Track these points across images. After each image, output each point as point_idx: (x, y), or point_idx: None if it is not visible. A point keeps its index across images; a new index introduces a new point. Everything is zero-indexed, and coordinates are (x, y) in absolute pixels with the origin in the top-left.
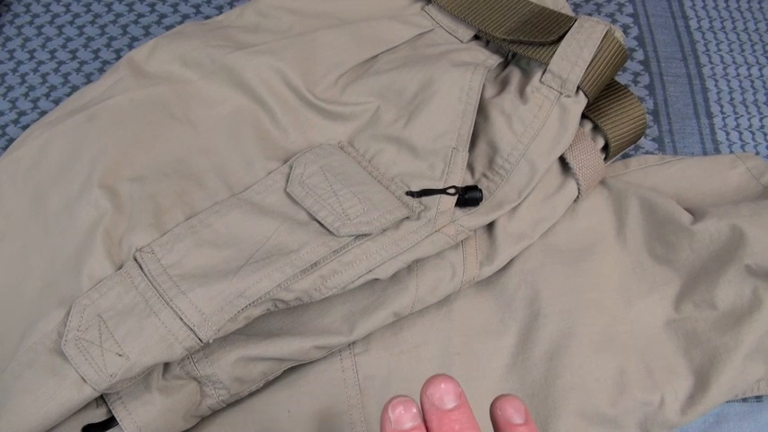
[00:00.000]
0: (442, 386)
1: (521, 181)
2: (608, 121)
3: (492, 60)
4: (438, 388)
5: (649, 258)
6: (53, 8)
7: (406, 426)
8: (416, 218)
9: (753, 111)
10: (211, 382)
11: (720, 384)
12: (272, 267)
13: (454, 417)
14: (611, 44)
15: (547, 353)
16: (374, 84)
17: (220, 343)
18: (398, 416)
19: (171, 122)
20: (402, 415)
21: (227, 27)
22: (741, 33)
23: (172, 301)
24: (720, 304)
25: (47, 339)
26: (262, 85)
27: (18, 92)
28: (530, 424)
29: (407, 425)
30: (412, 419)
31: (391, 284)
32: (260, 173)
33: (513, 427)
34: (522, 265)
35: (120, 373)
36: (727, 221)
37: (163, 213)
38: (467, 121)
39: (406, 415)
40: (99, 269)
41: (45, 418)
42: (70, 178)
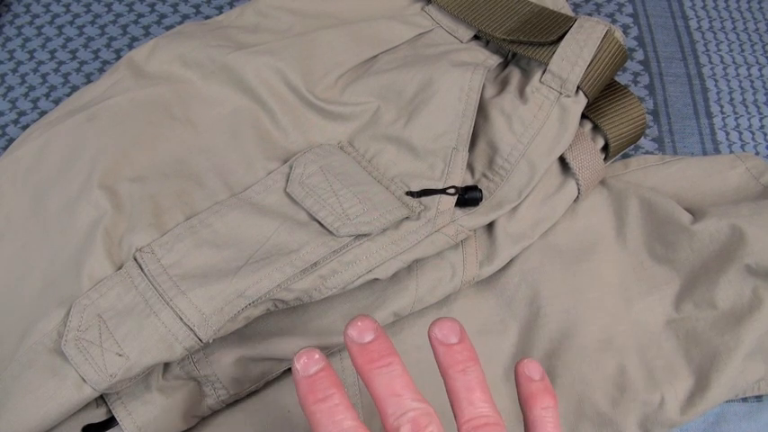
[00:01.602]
0: (359, 324)
1: (521, 181)
2: (608, 121)
3: (492, 60)
4: (355, 326)
5: (649, 258)
6: (53, 8)
7: (311, 371)
8: (416, 218)
9: (753, 111)
10: (211, 382)
11: (720, 384)
12: (271, 267)
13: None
14: (611, 44)
15: (547, 352)
16: (374, 84)
17: (220, 343)
18: (304, 364)
19: (171, 122)
20: (307, 362)
21: (227, 27)
22: (741, 33)
23: (172, 301)
24: (720, 304)
25: (47, 339)
26: (262, 85)
27: (18, 92)
28: (465, 341)
29: (312, 370)
30: (315, 364)
31: (391, 284)
32: (260, 173)
33: (450, 347)
34: (522, 265)
35: (120, 373)
36: (726, 221)
37: (163, 213)
38: (467, 121)
39: (309, 362)
40: (99, 269)
41: (45, 418)
42: (70, 178)
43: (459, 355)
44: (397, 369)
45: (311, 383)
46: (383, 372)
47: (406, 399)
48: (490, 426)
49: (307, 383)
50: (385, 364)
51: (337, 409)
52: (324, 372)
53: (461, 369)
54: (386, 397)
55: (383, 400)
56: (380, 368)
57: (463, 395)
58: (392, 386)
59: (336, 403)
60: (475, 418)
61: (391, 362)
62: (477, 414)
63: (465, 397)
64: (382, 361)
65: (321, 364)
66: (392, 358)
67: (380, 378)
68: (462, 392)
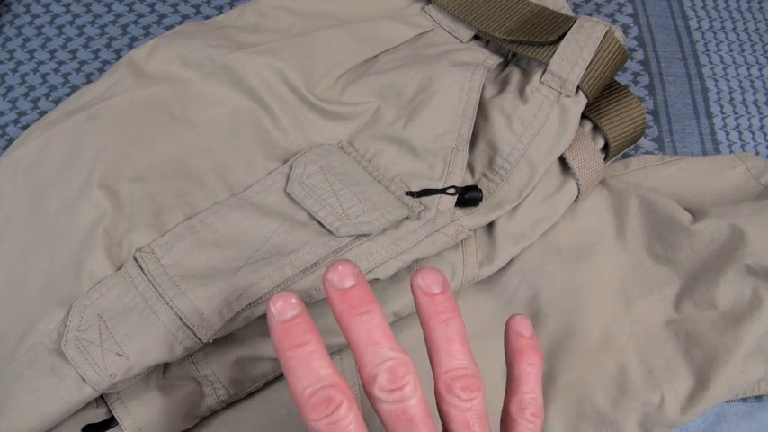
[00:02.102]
0: (339, 268)
1: (521, 181)
2: (608, 121)
3: (492, 60)
4: (336, 270)
5: (649, 258)
6: (53, 8)
7: (287, 315)
8: (416, 218)
9: (753, 111)
10: (211, 383)
11: (720, 384)
12: (271, 267)
13: (354, 293)
14: (611, 44)
15: (547, 353)
16: (374, 84)
17: (220, 343)
18: (280, 308)
19: (171, 122)
20: (283, 306)
21: (227, 27)
22: (741, 33)
23: (172, 301)
24: (720, 304)
25: (47, 339)
26: (262, 85)
27: (18, 92)
28: (447, 292)
29: (289, 314)
30: (292, 309)
31: (391, 284)
32: (260, 173)
33: (433, 297)
34: (522, 265)
35: (120, 373)
36: (726, 221)
37: (163, 213)
38: (467, 122)
39: (286, 306)
40: (99, 269)
41: (45, 417)
42: (70, 178)
43: (440, 305)
44: (376, 317)
45: (287, 329)
46: (363, 319)
47: (384, 347)
48: (468, 378)
49: (282, 328)
50: (365, 311)
51: (314, 355)
52: (300, 317)
53: (443, 320)
54: (364, 344)
55: (361, 347)
56: (360, 315)
57: (443, 346)
58: (371, 334)
59: (312, 350)
60: (453, 369)
61: (371, 309)
62: (455, 365)
63: (444, 347)
64: (362, 308)
65: (298, 310)
66: (372, 306)
67: (360, 325)
68: (442, 343)
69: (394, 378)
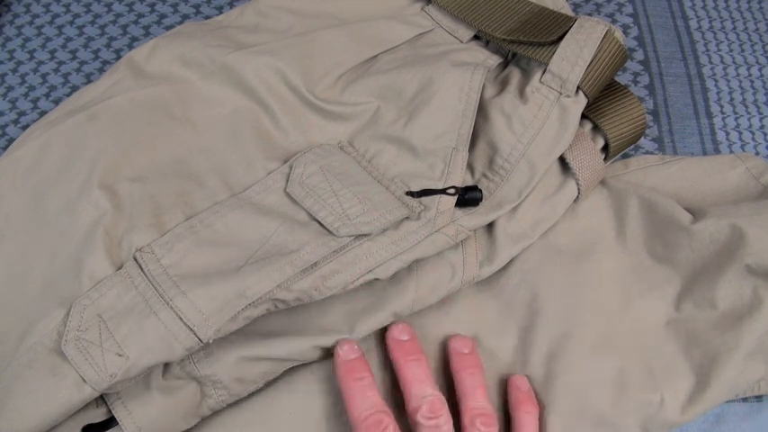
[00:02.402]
0: (400, 326)
1: (521, 181)
2: (608, 121)
3: (492, 60)
4: (397, 328)
5: (649, 258)
6: (53, 8)
7: (351, 357)
8: (416, 218)
9: (753, 111)
10: (211, 383)
11: (721, 384)
12: (272, 267)
13: (408, 345)
14: (611, 44)
15: (547, 353)
16: (374, 84)
17: (220, 343)
18: (346, 351)
19: (171, 122)
20: (348, 350)
21: (227, 27)
22: (741, 33)
23: (172, 301)
24: (720, 304)
25: (47, 339)
26: (262, 85)
27: (18, 92)
28: (474, 353)
29: (352, 356)
30: (354, 353)
31: (391, 284)
32: (260, 173)
33: (463, 355)
34: (522, 265)
35: (120, 373)
36: (726, 221)
37: (163, 213)
38: (467, 122)
39: (350, 350)
40: (99, 269)
41: (45, 418)
42: (70, 178)
43: (469, 361)
44: (423, 364)
45: (350, 366)
46: (414, 364)
47: (427, 386)
48: (487, 416)
49: (347, 366)
50: (416, 357)
51: (368, 388)
52: (360, 359)
53: (470, 372)
54: (413, 382)
55: (411, 383)
56: (412, 360)
57: (470, 390)
58: (417, 375)
59: (368, 384)
60: (476, 408)
61: (420, 357)
62: (478, 406)
63: (470, 392)
64: (414, 355)
65: (359, 353)
66: (421, 355)
67: (411, 368)
68: (469, 388)
69: (433, 409)
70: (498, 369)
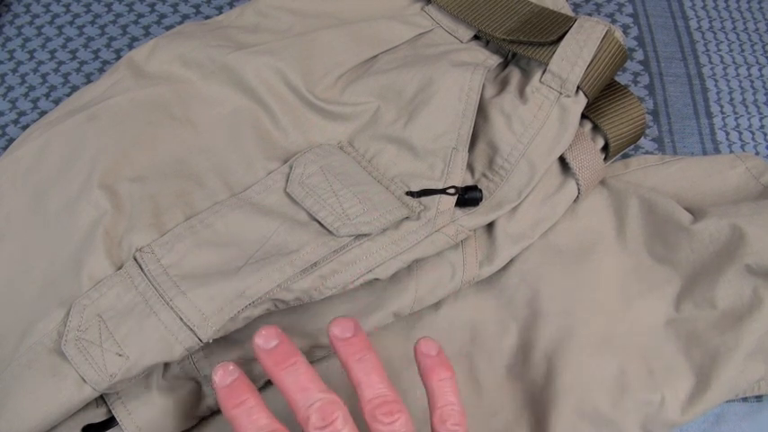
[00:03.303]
0: (263, 333)
1: (520, 181)
2: (608, 121)
3: (492, 60)
4: (260, 335)
5: (649, 258)
6: (53, 8)
7: (227, 382)
8: (416, 218)
9: (753, 111)
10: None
11: (721, 384)
12: (271, 267)
13: (279, 350)
14: (611, 44)
15: (547, 353)
16: (374, 84)
17: (220, 343)
18: (221, 376)
19: (171, 122)
20: (223, 374)
21: (227, 27)
22: (741, 33)
23: (172, 301)
24: (720, 304)
25: (47, 339)
26: (262, 85)
27: (18, 92)
28: (359, 335)
29: (228, 380)
30: (230, 375)
31: (391, 284)
32: (260, 173)
33: (347, 341)
34: (522, 265)
35: (120, 373)
36: (726, 221)
37: (163, 213)
38: (467, 122)
39: (225, 374)
40: (99, 269)
41: (45, 418)
42: (70, 178)
43: (353, 346)
44: (301, 367)
45: (228, 392)
46: (290, 371)
47: (312, 391)
48: (388, 404)
49: (225, 393)
50: (290, 363)
51: (253, 410)
52: (238, 380)
53: (358, 358)
54: (294, 392)
55: (293, 395)
56: (287, 368)
57: (362, 380)
58: (299, 382)
59: (252, 406)
60: (374, 398)
61: (295, 361)
62: (375, 395)
63: (364, 380)
64: (288, 362)
65: (236, 375)
66: (295, 358)
67: (288, 377)
68: (361, 377)
69: (324, 415)
70: (498, 369)
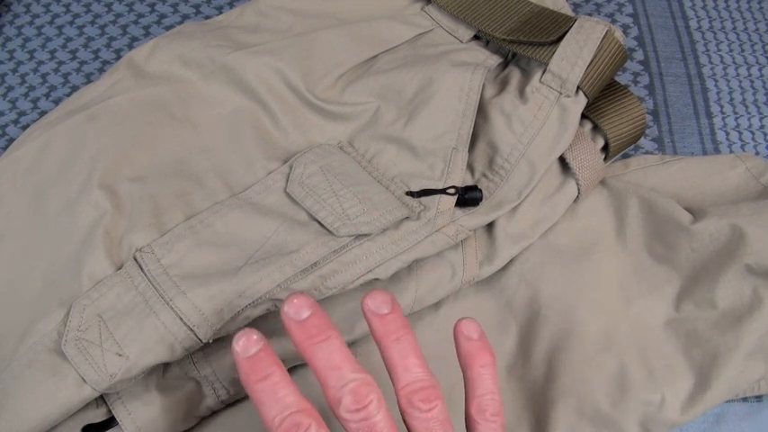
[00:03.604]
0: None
1: (520, 181)
2: (608, 121)
3: (492, 60)
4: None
5: (649, 258)
6: (53, 8)
7: (251, 352)
8: (416, 218)
9: (753, 111)
10: (211, 383)
11: (721, 383)
12: (271, 267)
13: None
14: (611, 44)
15: (547, 353)
16: (374, 84)
17: (220, 343)
18: (243, 345)
19: (171, 122)
20: (246, 344)
21: (227, 27)
22: (741, 33)
23: (172, 301)
24: (721, 303)
25: (47, 339)
26: (262, 85)
27: (18, 92)
28: (396, 311)
29: (252, 351)
30: (255, 345)
31: (391, 284)
32: (260, 173)
33: (383, 317)
34: (522, 265)
35: (119, 373)
36: (726, 221)
37: (163, 213)
38: (467, 122)
39: (249, 343)
40: (99, 269)
41: (45, 418)
42: (70, 178)
43: (391, 324)
44: (335, 343)
45: (252, 364)
46: (322, 346)
47: (345, 371)
48: (426, 389)
49: (248, 364)
50: (324, 338)
51: (278, 386)
52: (263, 351)
53: (395, 338)
54: (326, 370)
55: (324, 373)
56: (320, 343)
57: (399, 362)
58: (331, 359)
59: (277, 381)
60: (411, 382)
61: (330, 335)
62: (413, 379)
63: (400, 364)
64: (321, 336)
65: (260, 345)
66: (330, 332)
67: (320, 352)
68: (398, 360)
69: (357, 398)
70: (498, 369)
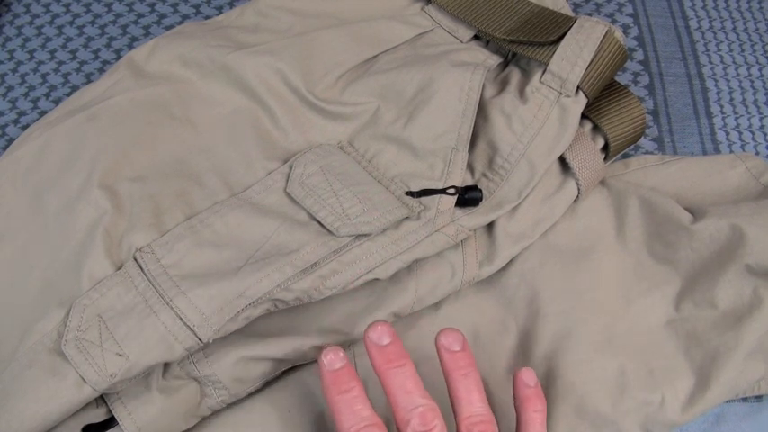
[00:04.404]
0: (378, 328)
1: (520, 181)
2: (608, 121)
3: (492, 60)
4: (375, 329)
5: (649, 258)
6: (53, 8)
7: (336, 366)
8: (416, 218)
9: (753, 111)
10: (211, 383)
11: (721, 384)
12: (271, 267)
13: (390, 349)
14: (611, 44)
15: (547, 353)
16: (374, 84)
17: (220, 343)
18: (330, 360)
19: (171, 122)
20: (332, 359)
21: (227, 27)
22: (741, 33)
23: (172, 301)
24: (721, 303)
25: (47, 339)
26: (261, 86)
27: (18, 92)
28: (466, 350)
29: (337, 365)
30: (340, 361)
31: (391, 284)
32: (260, 173)
33: (454, 354)
34: (522, 265)
35: (120, 373)
36: (726, 221)
37: (163, 213)
38: (467, 121)
39: (335, 359)
40: (99, 269)
41: (45, 418)
42: (70, 178)
43: (461, 361)
44: (409, 370)
45: (335, 377)
46: (398, 371)
47: (416, 395)
48: (485, 423)
49: (332, 377)
50: (400, 364)
51: (356, 400)
52: (346, 368)
53: (463, 374)
54: (399, 393)
55: (396, 395)
56: (396, 368)
57: (464, 396)
58: (405, 384)
59: (356, 395)
60: (473, 415)
61: (405, 363)
62: (474, 413)
63: (465, 397)
64: (398, 362)
65: (344, 361)
66: (406, 360)
67: (396, 377)
68: (463, 393)
69: (424, 421)
70: (499, 369)
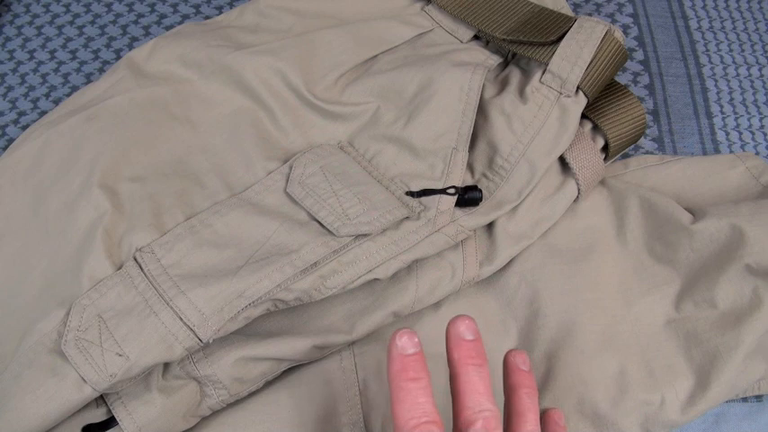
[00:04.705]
0: (466, 322)
1: (521, 181)
2: (608, 121)
3: (492, 60)
4: (463, 322)
5: (649, 258)
6: (53, 8)
7: (409, 351)
8: (416, 218)
9: (753, 111)
10: (211, 383)
11: (721, 383)
12: (271, 267)
13: (472, 346)
14: (611, 44)
15: (547, 353)
16: (374, 84)
17: (220, 343)
18: (404, 343)
19: (171, 122)
20: (407, 343)
21: (227, 27)
22: (741, 33)
23: (172, 301)
24: (721, 303)
25: (47, 339)
26: (261, 86)
27: (18, 92)
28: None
29: (410, 350)
30: (414, 347)
31: (391, 284)
32: (260, 173)
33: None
34: (522, 265)
35: (120, 373)
36: (726, 221)
37: (163, 213)
38: (467, 121)
39: (409, 343)
40: (99, 269)
41: (45, 418)
42: (70, 178)
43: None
44: (485, 372)
45: (407, 362)
46: (476, 370)
47: (485, 399)
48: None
49: (405, 361)
50: (479, 363)
51: (422, 391)
52: (419, 355)
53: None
54: (470, 392)
55: (466, 392)
56: (475, 366)
57: (473, 388)
58: (478, 385)
59: (423, 386)
60: (483, 410)
61: (483, 363)
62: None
63: (473, 389)
64: (478, 360)
65: (419, 348)
66: (484, 361)
67: (472, 375)
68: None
69: (488, 427)
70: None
